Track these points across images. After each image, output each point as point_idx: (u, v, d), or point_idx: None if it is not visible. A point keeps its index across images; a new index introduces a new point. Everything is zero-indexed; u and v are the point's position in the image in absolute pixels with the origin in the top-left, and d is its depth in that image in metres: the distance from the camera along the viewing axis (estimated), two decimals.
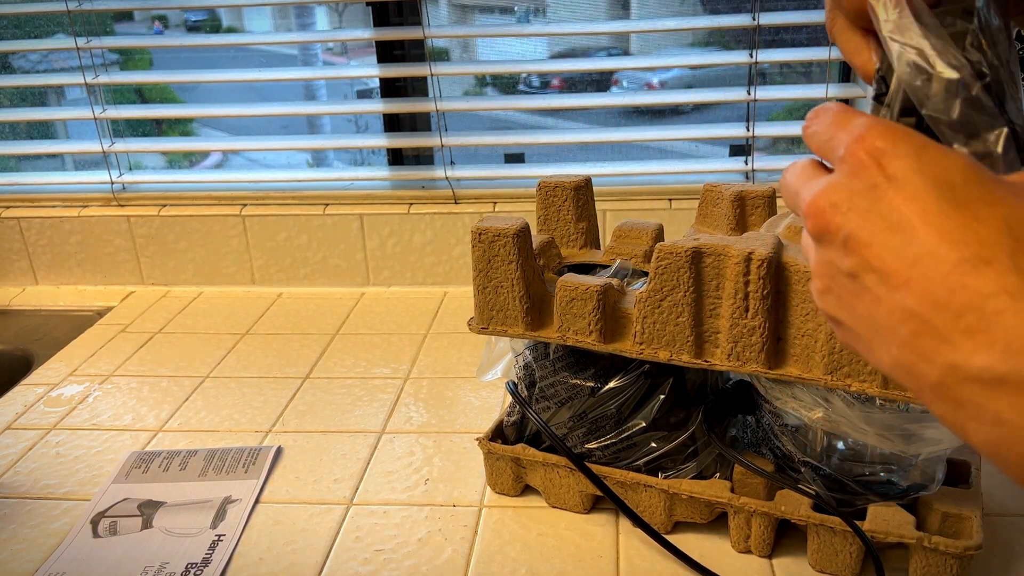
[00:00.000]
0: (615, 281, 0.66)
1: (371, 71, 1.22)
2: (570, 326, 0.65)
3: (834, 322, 0.35)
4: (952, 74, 0.33)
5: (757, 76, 1.13)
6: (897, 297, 0.30)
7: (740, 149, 1.26)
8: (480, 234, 0.66)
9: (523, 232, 0.65)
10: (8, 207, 1.28)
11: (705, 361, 0.61)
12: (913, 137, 0.32)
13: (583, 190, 0.74)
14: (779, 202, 0.64)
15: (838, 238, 0.32)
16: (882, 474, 0.62)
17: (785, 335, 0.59)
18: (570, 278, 0.64)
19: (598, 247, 0.77)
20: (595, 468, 0.68)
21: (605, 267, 0.75)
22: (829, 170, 0.35)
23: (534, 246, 0.68)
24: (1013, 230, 0.29)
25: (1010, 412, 0.28)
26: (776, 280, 0.57)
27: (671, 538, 0.66)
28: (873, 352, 0.33)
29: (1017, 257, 0.28)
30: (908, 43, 0.35)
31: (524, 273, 0.66)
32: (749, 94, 1.14)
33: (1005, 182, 0.30)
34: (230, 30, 1.69)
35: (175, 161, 1.60)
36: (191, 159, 1.63)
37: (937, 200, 0.30)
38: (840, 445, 0.62)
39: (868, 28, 0.37)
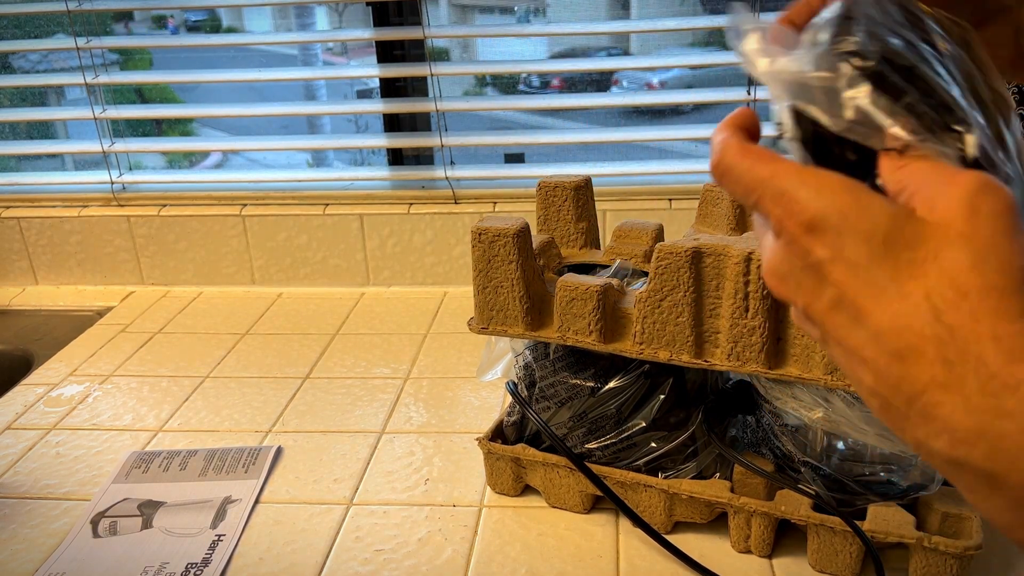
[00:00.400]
0: (615, 281, 0.66)
1: (371, 71, 1.22)
2: (570, 326, 0.64)
3: (820, 339, 0.35)
4: (826, 77, 0.33)
5: None
6: (861, 371, 0.31)
7: None
8: (480, 234, 0.66)
9: (523, 232, 0.65)
10: (8, 207, 1.28)
11: (705, 361, 0.61)
12: (837, 199, 0.31)
13: (583, 190, 0.74)
14: None
15: (798, 307, 0.33)
16: (882, 474, 0.62)
17: (785, 335, 0.59)
18: (570, 278, 0.64)
19: (598, 247, 0.77)
20: (595, 468, 0.68)
21: (605, 267, 0.75)
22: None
23: (534, 246, 0.68)
24: (936, 308, 0.29)
25: (972, 490, 0.29)
26: None
27: (671, 538, 0.66)
28: (854, 376, 0.33)
29: (942, 346, 0.29)
30: (782, 70, 0.34)
31: (524, 273, 0.66)
32: (749, 94, 1.14)
33: (929, 229, 0.30)
34: (230, 30, 1.69)
35: (175, 161, 1.60)
36: (191, 159, 1.63)
37: (869, 279, 0.31)
38: (840, 445, 0.62)
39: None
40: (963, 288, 0.29)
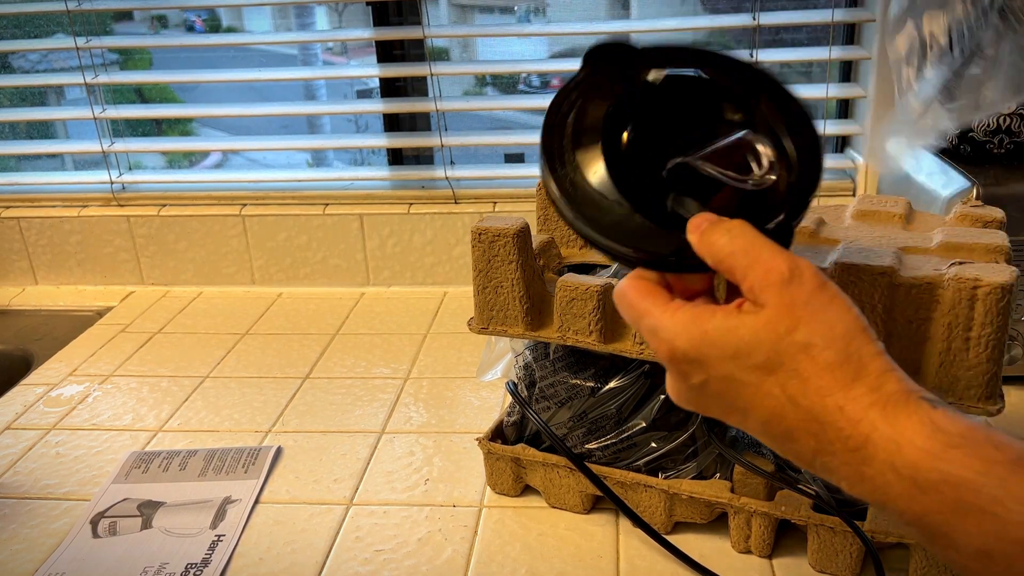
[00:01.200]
0: (615, 281, 0.66)
1: (371, 71, 1.22)
2: (570, 326, 0.64)
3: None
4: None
5: None
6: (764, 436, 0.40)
7: None
8: (480, 234, 0.66)
9: (523, 232, 0.65)
10: (8, 207, 1.28)
11: None
12: (692, 334, 0.40)
13: None
14: None
15: (696, 410, 0.43)
16: None
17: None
18: (570, 278, 0.64)
19: None
20: (595, 468, 0.68)
21: (605, 267, 0.75)
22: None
23: (534, 246, 0.68)
24: (791, 397, 0.37)
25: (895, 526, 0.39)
26: None
27: (671, 538, 0.66)
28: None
29: (807, 424, 0.37)
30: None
31: (524, 273, 0.65)
32: None
33: (763, 333, 0.38)
34: (230, 30, 1.69)
35: (175, 161, 1.60)
36: (191, 159, 1.63)
37: (738, 386, 0.39)
38: None
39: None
40: (803, 374, 0.37)
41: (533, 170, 1.24)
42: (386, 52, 1.24)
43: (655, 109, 0.46)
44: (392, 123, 1.28)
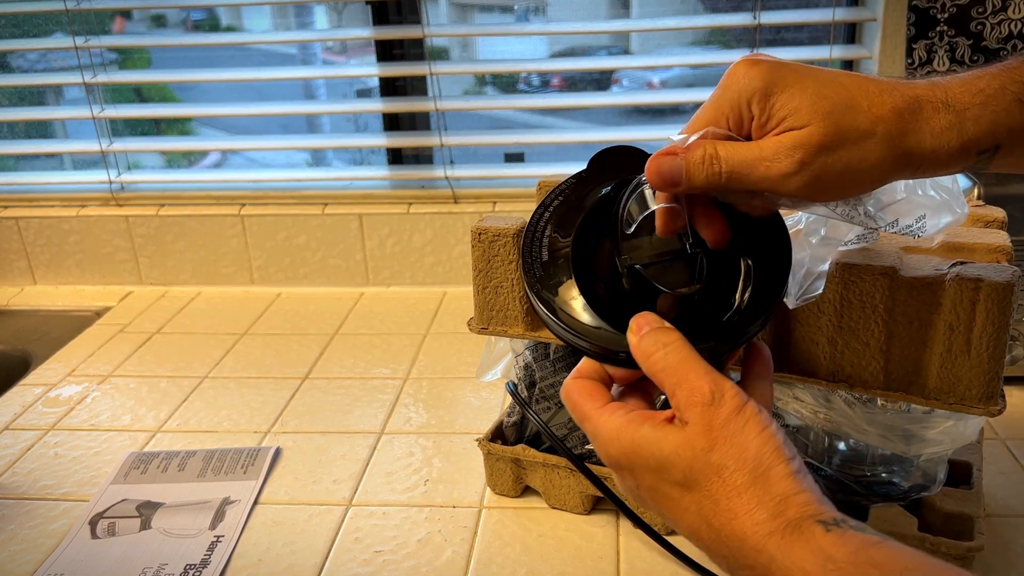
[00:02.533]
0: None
1: (371, 70, 1.22)
2: None
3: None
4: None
5: None
6: (712, 554, 0.41)
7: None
8: (480, 234, 0.66)
9: (522, 232, 0.65)
10: (7, 207, 1.28)
11: None
12: (623, 447, 0.42)
13: None
14: None
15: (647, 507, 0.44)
16: (883, 475, 0.62)
17: (788, 338, 0.59)
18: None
19: None
20: (595, 469, 0.68)
21: None
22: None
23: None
24: (705, 516, 0.39)
25: None
26: None
27: (671, 539, 0.66)
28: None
29: (720, 543, 0.39)
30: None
31: None
32: None
33: (684, 453, 0.40)
34: (229, 29, 1.68)
35: (174, 161, 1.59)
36: (190, 159, 1.63)
37: (664, 497, 0.41)
38: (841, 446, 0.62)
39: None
40: (715, 496, 0.39)
41: (533, 170, 1.24)
42: (386, 51, 1.23)
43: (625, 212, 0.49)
44: (392, 123, 1.28)
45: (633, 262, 0.47)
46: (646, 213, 0.47)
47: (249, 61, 1.34)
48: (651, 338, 0.43)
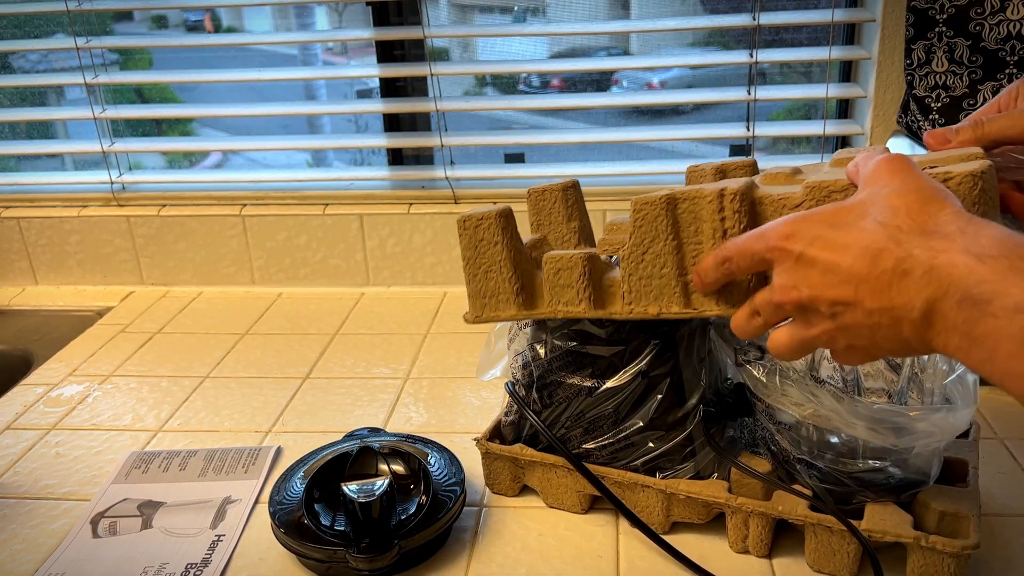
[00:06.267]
0: (595, 251, 0.65)
1: (371, 71, 1.22)
2: (560, 298, 0.64)
3: (851, 350, 0.48)
4: None
5: (757, 76, 1.13)
6: (863, 307, 0.45)
7: (740, 149, 1.26)
8: (464, 221, 0.66)
9: (506, 214, 0.65)
10: (8, 207, 1.28)
11: (694, 309, 0.60)
12: (796, 215, 0.49)
13: (571, 191, 0.73)
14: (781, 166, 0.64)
15: (806, 303, 0.47)
16: (876, 464, 0.62)
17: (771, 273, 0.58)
18: (555, 252, 0.64)
19: (592, 244, 0.77)
20: (593, 468, 0.68)
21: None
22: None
23: (525, 243, 0.68)
24: (882, 223, 0.45)
25: (954, 343, 0.42)
26: (752, 215, 0.56)
27: (669, 538, 0.66)
28: (878, 345, 0.46)
29: (894, 236, 0.44)
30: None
31: (511, 253, 0.65)
32: (749, 94, 1.14)
33: (858, 202, 0.47)
34: (230, 30, 1.69)
35: (175, 161, 1.60)
36: (191, 159, 1.63)
37: (835, 240, 0.46)
38: (833, 440, 0.62)
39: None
40: (894, 206, 0.45)
41: (533, 170, 1.24)
42: (386, 52, 1.24)
43: None
44: (392, 123, 1.28)
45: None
46: None
47: (250, 62, 1.34)
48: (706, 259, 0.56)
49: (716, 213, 0.56)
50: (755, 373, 0.62)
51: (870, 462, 0.62)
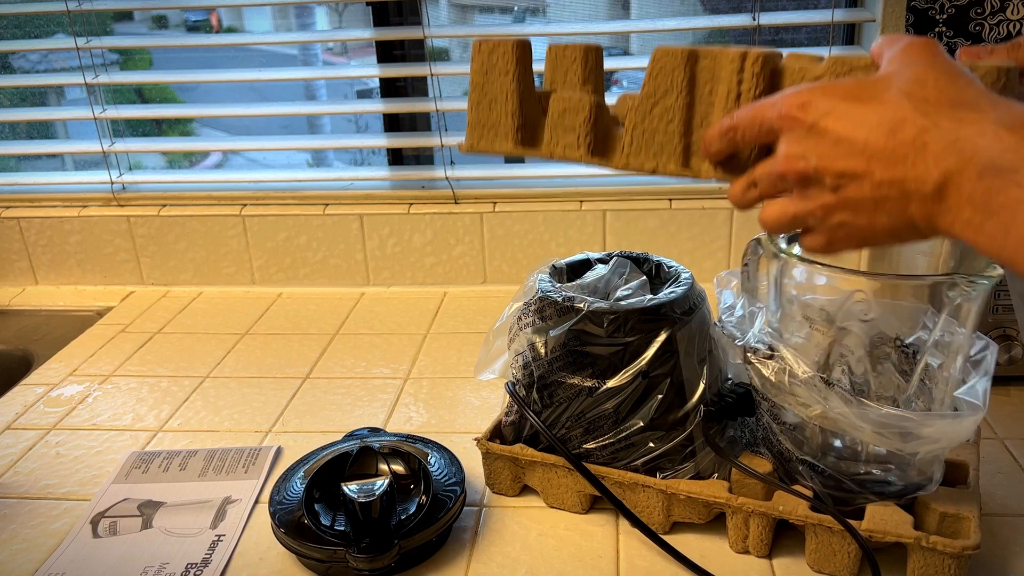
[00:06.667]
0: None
1: (371, 71, 1.22)
2: (559, 140, 0.62)
3: (842, 229, 0.47)
4: None
5: None
6: (871, 179, 0.44)
7: None
8: (480, 45, 0.63)
9: (524, 45, 0.63)
10: (8, 207, 1.28)
11: (691, 171, 0.58)
12: (813, 84, 0.47)
13: (593, 53, 0.67)
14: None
15: (811, 174, 0.46)
16: (878, 472, 0.62)
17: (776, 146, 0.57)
18: (564, 92, 0.62)
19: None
20: (593, 468, 0.68)
21: (602, 263, 0.75)
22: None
23: (538, 88, 0.65)
24: (908, 93, 0.44)
25: (966, 218, 0.41)
26: (771, 82, 0.55)
27: (669, 538, 0.66)
28: (875, 226, 0.45)
29: (918, 107, 0.43)
30: None
31: (520, 86, 0.63)
32: None
33: (882, 75, 0.46)
34: (230, 30, 1.69)
35: (175, 161, 1.60)
36: (191, 159, 1.63)
37: (851, 113, 0.44)
38: (837, 443, 0.62)
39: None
40: (922, 78, 0.44)
41: (533, 170, 1.24)
42: (386, 52, 1.24)
43: None
44: (392, 123, 1.28)
45: None
46: None
47: (250, 62, 1.34)
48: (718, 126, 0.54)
49: (735, 74, 0.55)
50: (764, 371, 0.62)
51: (874, 472, 0.62)
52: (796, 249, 0.64)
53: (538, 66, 0.64)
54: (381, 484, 0.64)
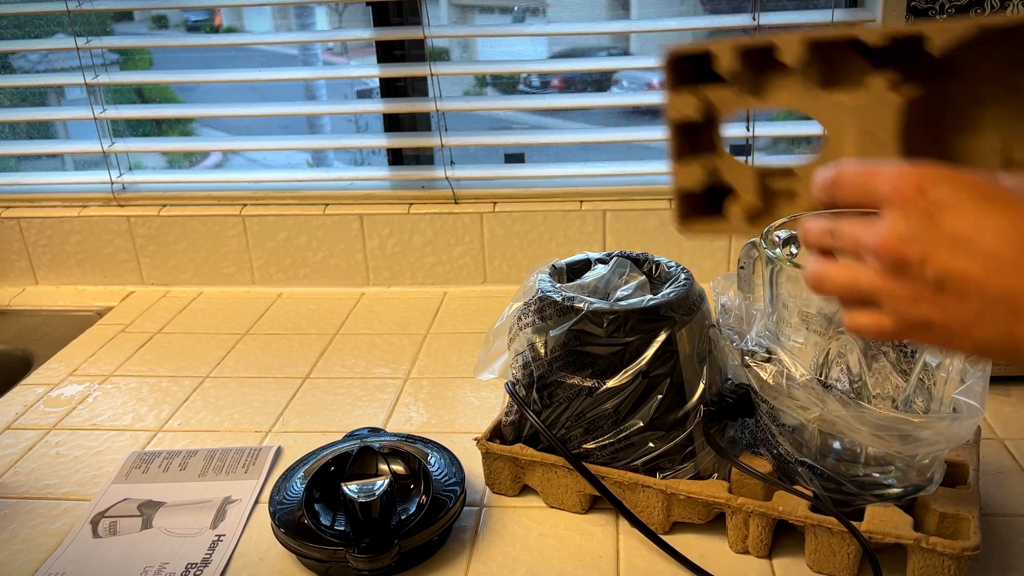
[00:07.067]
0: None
1: (371, 71, 1.22)
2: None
3: (924, 326, 0.42)
4: None
5: None
6: (984, 288, 0.39)
7: (740, 149, 1.26)
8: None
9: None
10: (8, 207, 1.28)
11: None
12: (939, 168, 0.41)
13: None
14: None
15: (916, 262, 0.41)
16: (877, 475, 0.62)
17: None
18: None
19: None
20: (593, 468, 0.68)
21: (602, 263, 0.75)
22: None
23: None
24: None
25: None
26: None
27: (669, 538, 0.66)
28: (968, 335, 0.41)
29: None
30: None
31: None
32: None
33: (1013, 189, 0.41)
34: (230, 30, 1.69)
35: (175, 161, 1.60)
36: (191, 159, 1.63)
37: (978, 211, 0.40)
38: (836, 445, 0.62)
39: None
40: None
41: (533, 170, 1.24)
42: (386, 52, 1.24)
43: None
44: (392, 123, 1.28)
45: None
46: None
47: (250, 62, 1.34)
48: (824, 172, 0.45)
49: None
50: (761, 375, 0.62)
51: (873, 474, 0.62)
52: (791, 253, 0.64)
53: None
54: (381, 484, 0.64)
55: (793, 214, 0.62)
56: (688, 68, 0.65)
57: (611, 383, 0.66)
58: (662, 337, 0.66)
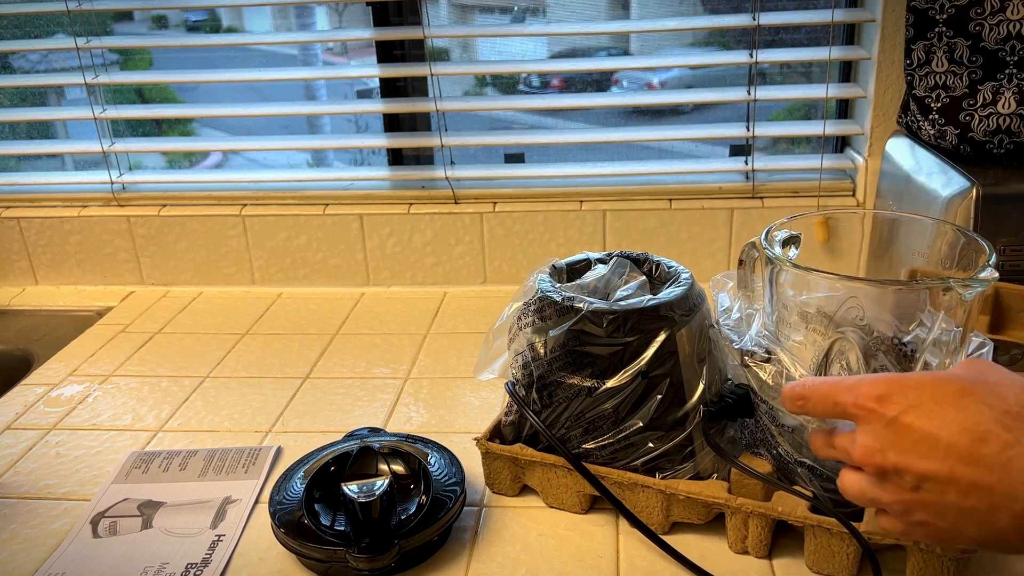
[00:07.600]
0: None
1: (371, 71, 1.22)
2: None
3: (922, 526, 0.45)
4: None
5: (757, 76, 1.13)
6: (956, 486, 0.42)
7: (740, 149, 1.26)
8: None
9: None
10: (8, 207, 1.28)
11: None
12: (891, 377, 0.46)
13: None
14: None
15: (889, 469, 0.45)
16: None
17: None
18: None
19: None
20: (593, 468, 0.68)
21: (602, 263, 0.75)
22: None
23: None
24: (987, 404, 0.43)
25: None
26: None
27: (669, 538, 0.66)
28: (960, 533, 0.44)
29: (1002, 419, 0.42)
30: None
31: None
32: (749, 94, 1.14)
33: (960, 380, 0.45)
34: (230, 30, 1.69)
35: (175, 161, 1.60)
36: (191, 159, 1.63)
37: (934, 412, 0.43)
38: None
39: None
40: (1001, 392, 0.43)
41: (533, 170, 1.24)
42: (386, 52, 1.24)
43: None
44: (392, 123, 1.29)
45: None
46: None
47: (250, 62, 1.34)
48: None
49: None
50: (761, 375, 0.62)
51: None
52: (791, 253, 0.64)
53: None
54: (381, 484, 0.64)
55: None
56: None
57: (611, 383, 0.66)
58: (662, 337, 0.66)
